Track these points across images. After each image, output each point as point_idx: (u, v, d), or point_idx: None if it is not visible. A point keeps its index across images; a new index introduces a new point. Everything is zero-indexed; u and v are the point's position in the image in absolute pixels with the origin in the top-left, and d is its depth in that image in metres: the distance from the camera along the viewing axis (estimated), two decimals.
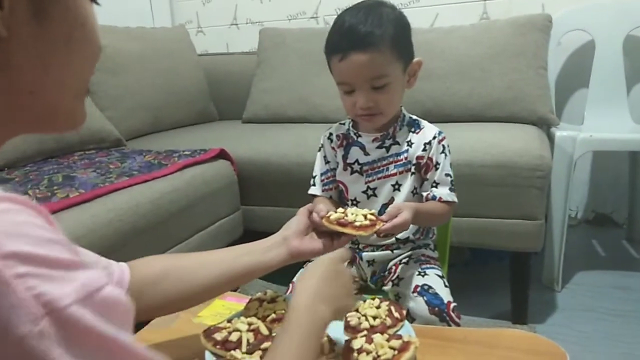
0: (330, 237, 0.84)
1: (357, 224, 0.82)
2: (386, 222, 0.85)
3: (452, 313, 0.92)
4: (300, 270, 1.06)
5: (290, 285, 1.04)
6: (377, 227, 0.83)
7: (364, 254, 1.07)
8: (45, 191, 1.26)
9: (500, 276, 1.71)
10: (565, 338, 1.49)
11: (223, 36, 2.78)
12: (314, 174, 1.11)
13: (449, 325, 0.91)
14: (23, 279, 0.31)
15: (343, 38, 0.92)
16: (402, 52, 0.95)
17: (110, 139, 1.92)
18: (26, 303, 0.30)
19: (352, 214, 0.84)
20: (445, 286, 0.99)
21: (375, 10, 0.93)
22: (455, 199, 1.02)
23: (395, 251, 1.07)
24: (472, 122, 1.89)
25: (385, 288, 1.04)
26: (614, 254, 2.09)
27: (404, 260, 1.06)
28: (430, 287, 0.96)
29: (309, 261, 1.04)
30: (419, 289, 0.96)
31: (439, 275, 1.01)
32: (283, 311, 0.80)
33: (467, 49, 1.94)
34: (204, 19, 2.82)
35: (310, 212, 0.87)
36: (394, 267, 1.05)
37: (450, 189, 1.01)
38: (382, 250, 1.07)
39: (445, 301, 0.93)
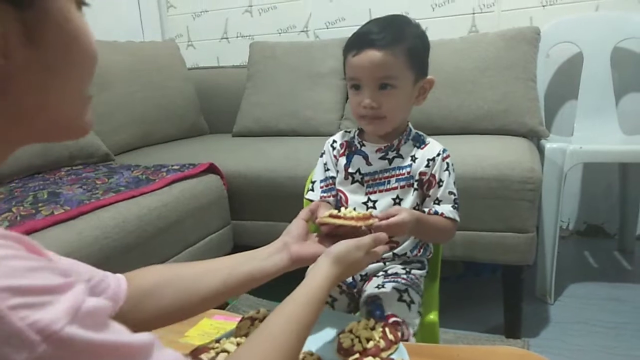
0: (332, 241, 0.82)
1: (352, 215, 0.82)
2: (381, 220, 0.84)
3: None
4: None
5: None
6: (371, 221, 0.82)
7: None
8: (30, 208, 1.24)
9: (493, 289, 1.70)
10: (560, 352, 1.48)
11: (213, 50, 2.78)
12: (313, 180, 1.10)
13: None
14: (15, 310, 0.32)
15: (362, 37, 0.95)
16: (416, 64, 0.96)
17: (98, 154, 1.90)
18: (22, 332, 0.32)
19: (346, 212, 0.84)
20: (401, 301, 0.94)
21: (399, 22, 0.97)
22: (458, 218, 1.00)
23: (387, 263, 1.05)
24: (462, 134, 1.89)
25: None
26: (606, 265, 2.09)
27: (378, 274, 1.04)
28: (378, 298, 0.94)
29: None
30: (369, 299, 0.94)
31: (398, 290, 0.96)
32: None
33: (456, 62, 1.95)
34: (194, 32, 2.82)
35: (313, 213, 0.86)
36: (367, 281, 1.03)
37: (453, 207, 1.00)
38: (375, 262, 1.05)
39: (386, 314, 0.90)
